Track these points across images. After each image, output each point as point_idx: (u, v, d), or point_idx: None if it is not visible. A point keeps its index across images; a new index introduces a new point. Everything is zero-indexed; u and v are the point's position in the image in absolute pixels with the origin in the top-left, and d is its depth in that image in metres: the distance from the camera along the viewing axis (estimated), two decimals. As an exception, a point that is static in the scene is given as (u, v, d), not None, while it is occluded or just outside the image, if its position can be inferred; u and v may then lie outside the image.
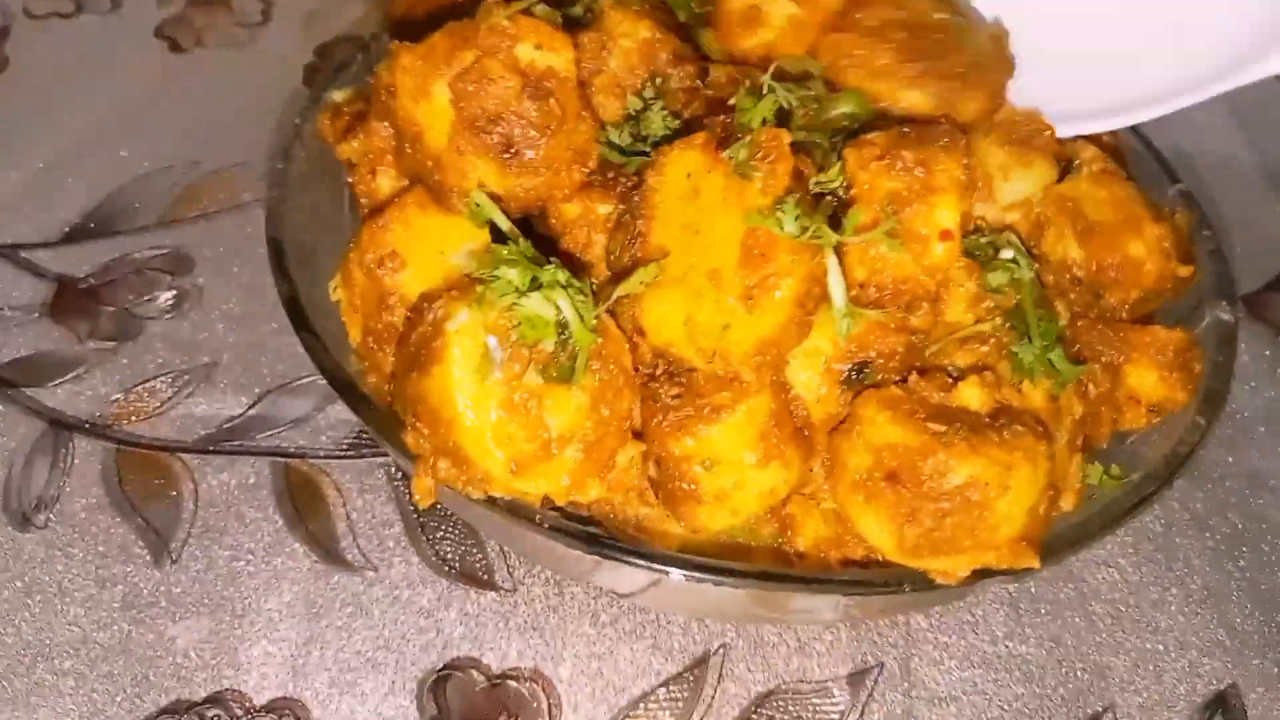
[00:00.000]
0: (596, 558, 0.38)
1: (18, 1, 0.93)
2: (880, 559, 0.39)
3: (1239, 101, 0.91)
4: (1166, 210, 0.48)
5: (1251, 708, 0.57)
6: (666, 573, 0.37)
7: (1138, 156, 0.55)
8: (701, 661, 0.55)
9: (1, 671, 0.53)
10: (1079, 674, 0.57)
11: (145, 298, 0.70)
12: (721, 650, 0.56)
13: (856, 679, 0.56)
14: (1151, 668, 0.58)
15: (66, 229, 0.74)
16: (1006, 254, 0.41)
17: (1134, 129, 0.58)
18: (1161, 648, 0.59)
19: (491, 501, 0.38)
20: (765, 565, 0.40)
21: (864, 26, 0.44)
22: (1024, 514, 0.36)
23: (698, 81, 0.46)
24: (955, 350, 0.41)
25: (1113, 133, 0.53)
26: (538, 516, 0.38)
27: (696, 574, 0.37)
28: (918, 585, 0.37)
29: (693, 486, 0.40)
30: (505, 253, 0.38)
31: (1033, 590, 0.60)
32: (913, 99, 0.43)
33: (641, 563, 0.37)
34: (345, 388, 0.42)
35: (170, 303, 0.70)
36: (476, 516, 0.47)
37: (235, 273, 0.72)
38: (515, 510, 0.38)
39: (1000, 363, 0.40)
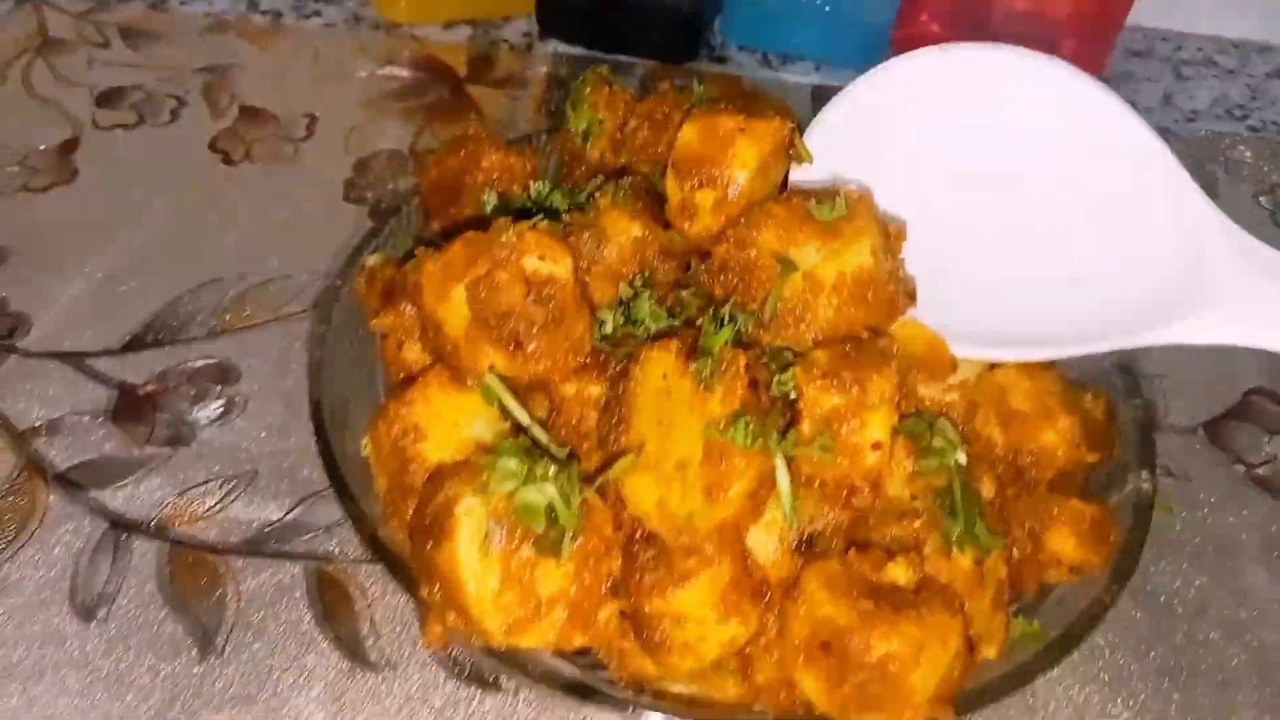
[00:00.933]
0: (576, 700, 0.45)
1: (86, 113, 1.03)
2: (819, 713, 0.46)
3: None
4: (1086, 396, 0.55)
5: (1183, 825, 0.62)
6: (627, 708, 0.44)
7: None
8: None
9: (68, 754, 0.60)
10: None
11: (197, 406, 0.78)
12: (700, 755, 0.62)
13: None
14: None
15: (127, 338, 0.83)
16: (938, 442, 0.48)
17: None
18: (1105, 770, 0.65)
19: (491, 651, 0.45)
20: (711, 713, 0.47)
21: None
22: (935, 681, 0.43)
23: (680, 274, 0.54)
24: (892, 522, 0.48)
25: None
26: (528, 665, 0.45)
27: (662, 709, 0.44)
28: (845, 737, 0.44)
29: (664, 638, 0.47)
30: (505, 446, 0.45)
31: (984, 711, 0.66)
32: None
33: (616, 707, 0.44)
34: (378, 549, 0.49)
35: (219, 411, 0.78)
36: (481, 660, 0.54)
37: (276, 383, 0.80)
38: (510, 661, 0.45)
39: (931, 533, 0.47)
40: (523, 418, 0.49)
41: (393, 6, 1.17)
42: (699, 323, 0.48)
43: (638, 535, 0.49)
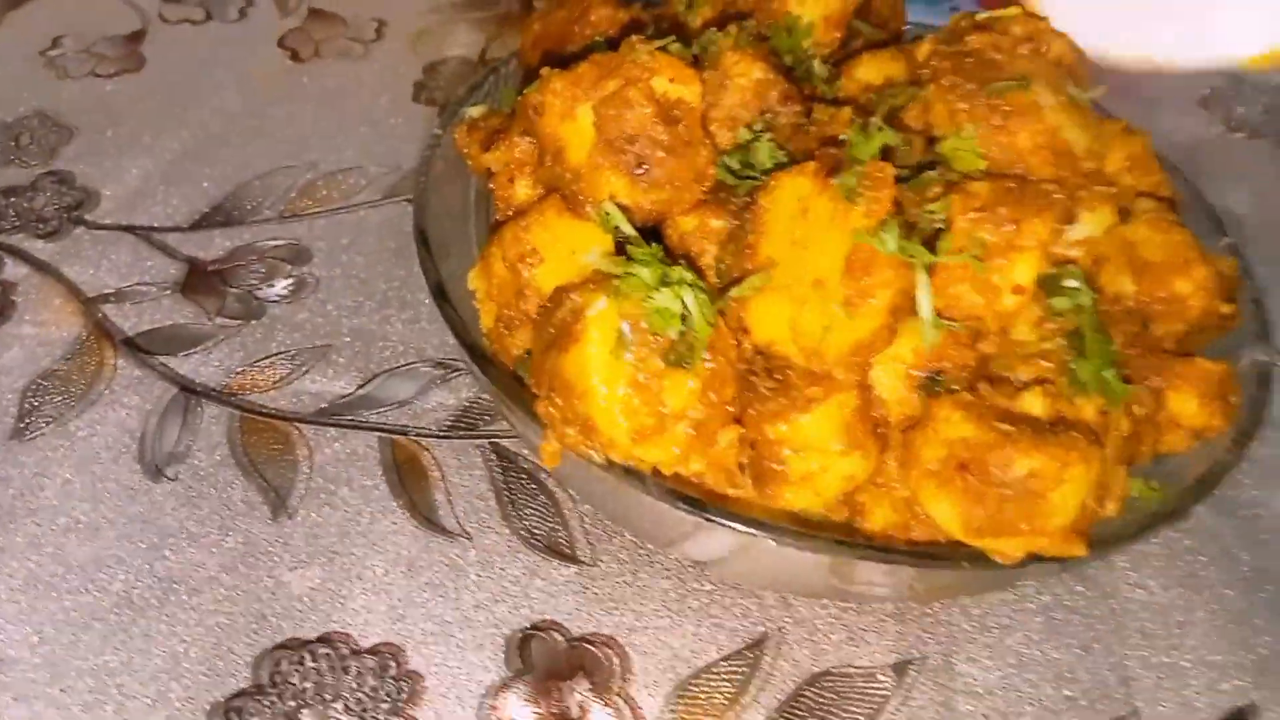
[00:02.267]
0: (695, 519, 0.43)
1: (154, 6, 1.02)
2: (944, 541, 0.44)
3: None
4: (1214, 256, 0.54)
5: (1268, 726, 0.61)
6: (756, 535, 0.43)
7: (1190, 210, 0.60)
8: (760, 642, 0.61)
9: (138, 602, 0.59)
10: (1106, 681, 0.62)
11: (267, 284, 0.77)
12: (779, 633, 0.61)
13: (901, 668, 0.61)
14: (1175, 681, 0.63)
15: (197, 216, 0.82)
16: (1070, 283, 0.47)
17: (1188, 185, 0.64)
18: (1185, 664, 0.63)
19: (611, 465, 0.44)
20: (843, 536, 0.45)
21: None
22: (1075, 507, 0.41)
23: (803, 119, 0.53)
24: (1020, 365, 0.46)
25: (1170, 187, 0.59)
26: (649, 482, 0.44)
27: (786, 538, 0.43)
28: (976, 563, 0.43)
29: (782, 467, 0.46)
30: (639, 254, 0.44)
31: (1067, 603, 0.65)
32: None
33: (739, 525, 0.43)
34: (480, 357, 0.48)
35: (289, 289, 0.77)
36: (586, 482, 0.53)
37: (347, 265, 0.79)
38: (631, 475, 0.44)
39: (1059, 378, 0.46)
40: (643, 245, 0.47)
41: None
42: (831, 151, 0.47)
43: (757, 369, 0.48)
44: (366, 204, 0.83)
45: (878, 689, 0.60)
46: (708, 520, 0.43)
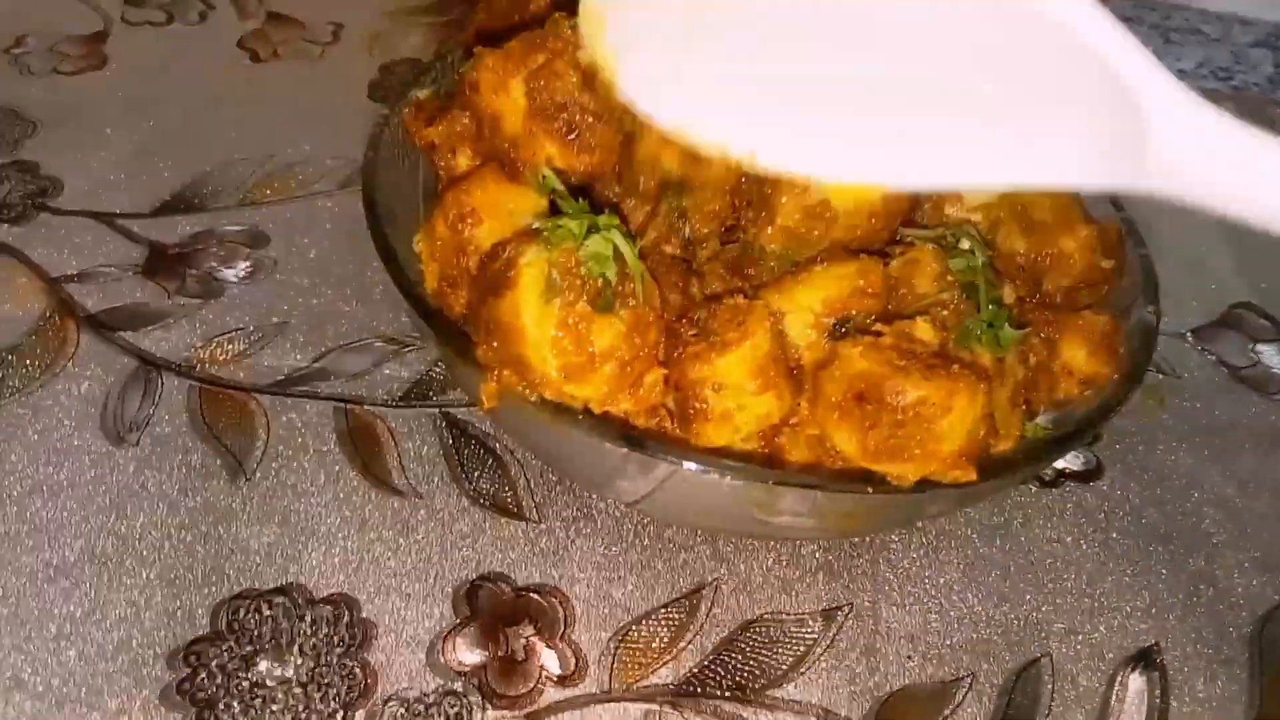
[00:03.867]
0: (624, 453, 0.47)
1: (116, 9, 1.05)
2: (851, 470, 0.48)
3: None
4: (1099, 219, 0.58)
5: (1169, 664, 0.66)
6: (679, 465, 0.47)
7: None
8: (697, 590, 0.64)
9: (100, 557, 0.62)
10: (1022, 626, 0.66)
11: (226, 266, 0.80)
12: (715, 583, 0.65)
13: (829, 614, 0.65)
14: (1085, 626, 0.67)
15: (157, 203, 0.84)
16: (964, 244, 0.52)
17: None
18: (1095, 609, 0.68)
19: (543, 402, 0.48)
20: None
21: None
22: (963, 434, 0.46)
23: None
24: (918, 311, 0.51)
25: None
26: (580, 416, 0.48)
27: (706, 465, 0.46)
28: (878, 487, 0.47)
29: (704, 405, 0.49)
30: (569, 208, 0.48)
31: (987, 557, 0.69)
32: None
33: (664, 456, 0.47)
34: (425, 309, 0.52)
35: (248, 270, 0.80)
36: (524, 425, 0.56)
37: (304, 249, 0.82)
38: (562, 410, 0.48)
39: (952, 319, 0.50)
40: (583, 205, 0.51)
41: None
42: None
43: (682, 318, 0.52)
44: (322, 193, 0.87)
45: (807, 634, 0.64)
46: (634, 452, 0.47)
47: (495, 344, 0.48)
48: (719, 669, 0.61)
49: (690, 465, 0.46)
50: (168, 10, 1.06)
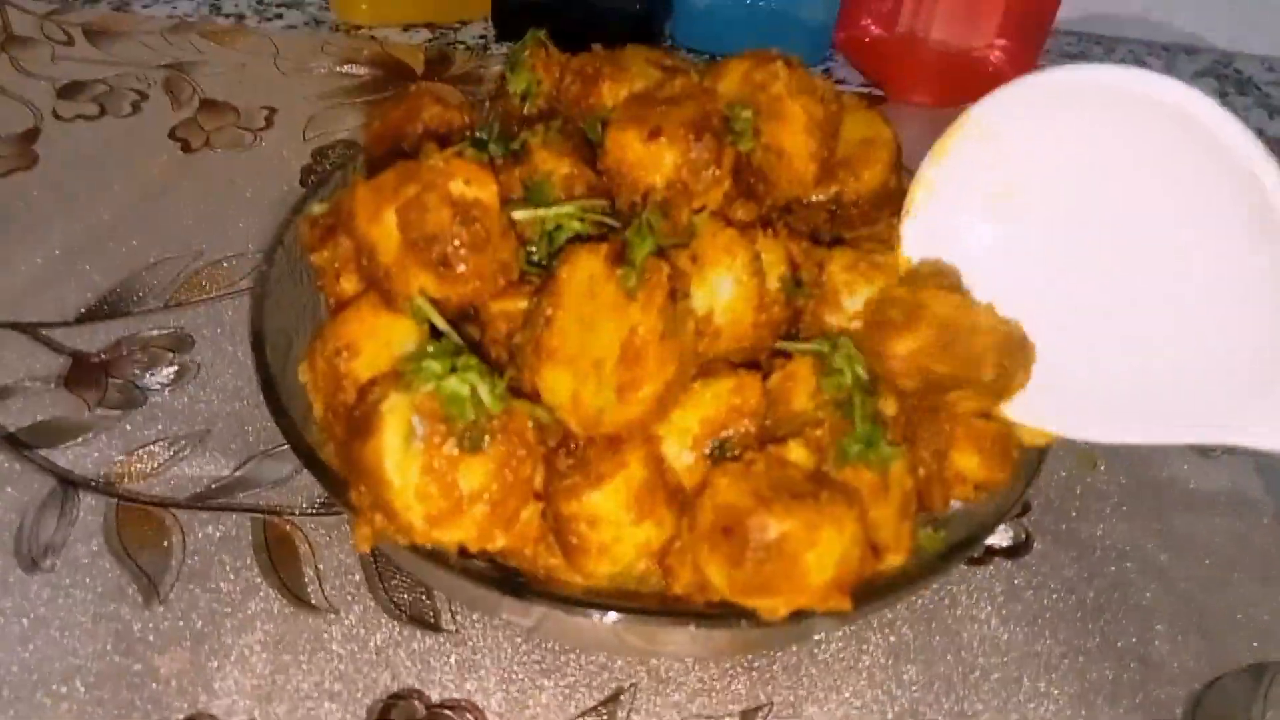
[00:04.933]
0: (496, 594, 0.47)
1: (48, 104, 1.06)
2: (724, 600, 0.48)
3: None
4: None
5: (1099, 751, 0.65)
6: (540, 606, 0.46)
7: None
8: (614, 697, 0.64)
9: (7, 696, 0.61)
10: (946, 717, 0.65)
11: (149, 372, 0.80)
12: (632, 688, 0.64)
13: (749, 715, 0.64)
14: (1013, 715, 0.66)
15: (82, 309, 0.84)
16: (838, 359, 0.51)
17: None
18: (1022, 697, 0.67)
19: (414, 548, 0.47)
20: (625, 602, 0.48)
21: None
22: (832, 565, 0.45)
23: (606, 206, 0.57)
24: (794, 433, 0.50)
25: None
26: (450, 561, 0.47)
27: (564, 608, 0.46)
28: (749, 621, 0.46)
29: (580, 540, 0.49)
30: (429, 347, 0.47)
31: (911, 644, 0.68)
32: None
33: (531, 599, 0.46)
34: (305, 454, 0.51)
35: (171, 377, 0.80)
36: (407, 563, 0.56)
37: (230, 351, 0.82)
38: (432, 556, 0.47)
39: (829, 443, 0.50)
40: (452, 336, 0.51)
41: (353, 9, 1.21)
42: (622, 236, 0.51)
43: (559, 448, 0.51)
44: (248, 289, 0.87)
45: (726, 737, 0.63)
46: (501, 595, 0.46)
47: (364, 488, 0.48)
48: (635, 781, 0.60)
49: (554, 609, 0.46)
50: (100, 102, 1.06)
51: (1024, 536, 0.75)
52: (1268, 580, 0.74)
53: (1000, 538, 0.75)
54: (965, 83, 1.15)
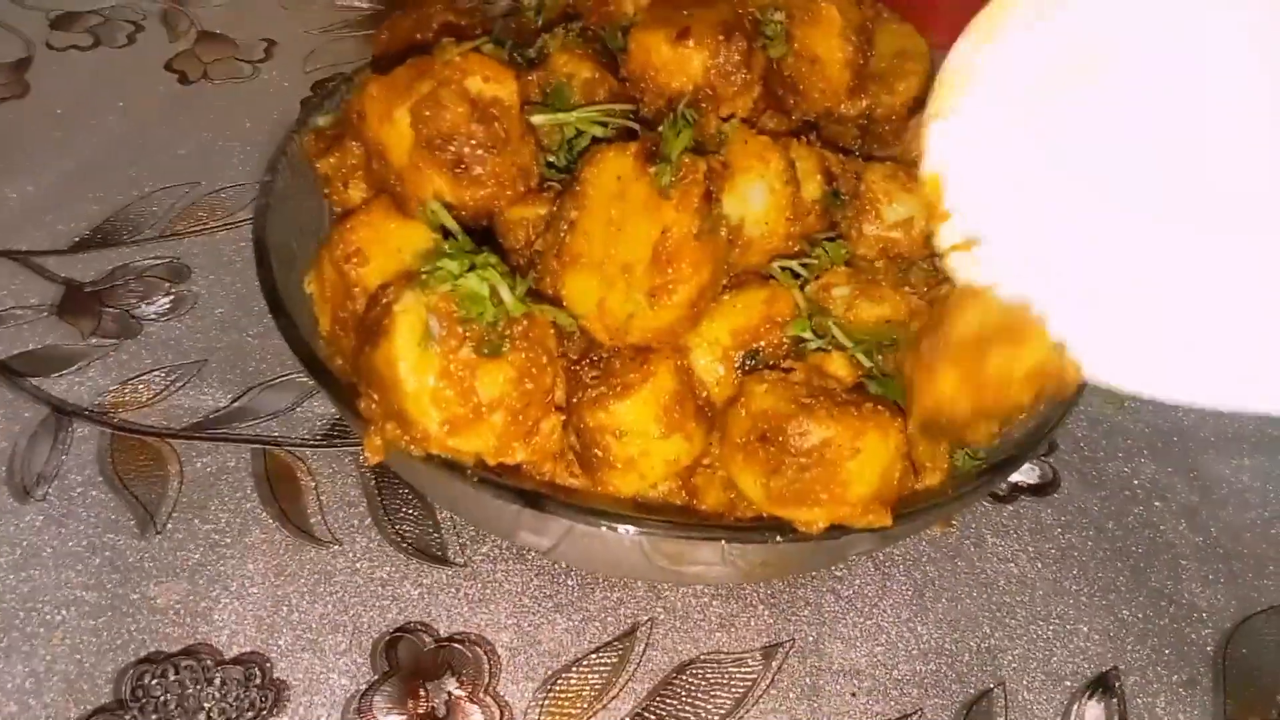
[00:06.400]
0: (517, 508, 0.44)
1: (41, 34, 1.02)
2: (762, 515, 0.45)
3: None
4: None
5: (1129, 689, 0.63)
6: (566, 522, 0.44)
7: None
8: (630, 632, 0.61)
9: (1, 622, 0.59)
10: (973, 654, 0.63)
11: (145, 301, 0.77)
12: (649, 623, 0.62)
13: (770, 651, 0.62)
14: (1040, 653, 0.64)
15: (76, 239, 0.81)
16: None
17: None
18: (1051, 634, 0.65)
19: (429, 458, 0.45)
20: (653, 515, 0.46)
21: None
22: (875, 476, 0.42)
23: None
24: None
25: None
26: (468, 471, 0.45)
27: (592, 520, 0.43)
28: (785, 535, 0.43)
29: (605, 454, 0.46)
30: (446, 247, 0.45)
31: (937, 582, 0.66)
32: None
33: (555, 512, 0.44)
34: (311, 363, 0.49)
35: (167, 306, 0.77)
36: (420, 478, 0.53)
37: (228, 282, 0.79)
38: (449, 466, 0.44)
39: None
40: (466, 242, 0.48)
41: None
42: (654, 134, 0.48)
43: (582, 359, 0.49)
44: (247, 221, 0.83)
45: (746, 673, 0.61)
46: (527, 509, 0.44)
47: (376, 395, 0.45)
48: (653, 717, 0.58)
49: (580, 524, 0.43)
50: (94, 33, 1.03)
51: (1050, 474, 0.73)
52: (1296, 520, 0.72)
53: (1026, 475, 0.73)
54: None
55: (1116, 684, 0.63)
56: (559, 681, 0.59)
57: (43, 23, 1.03)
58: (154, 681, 0.57)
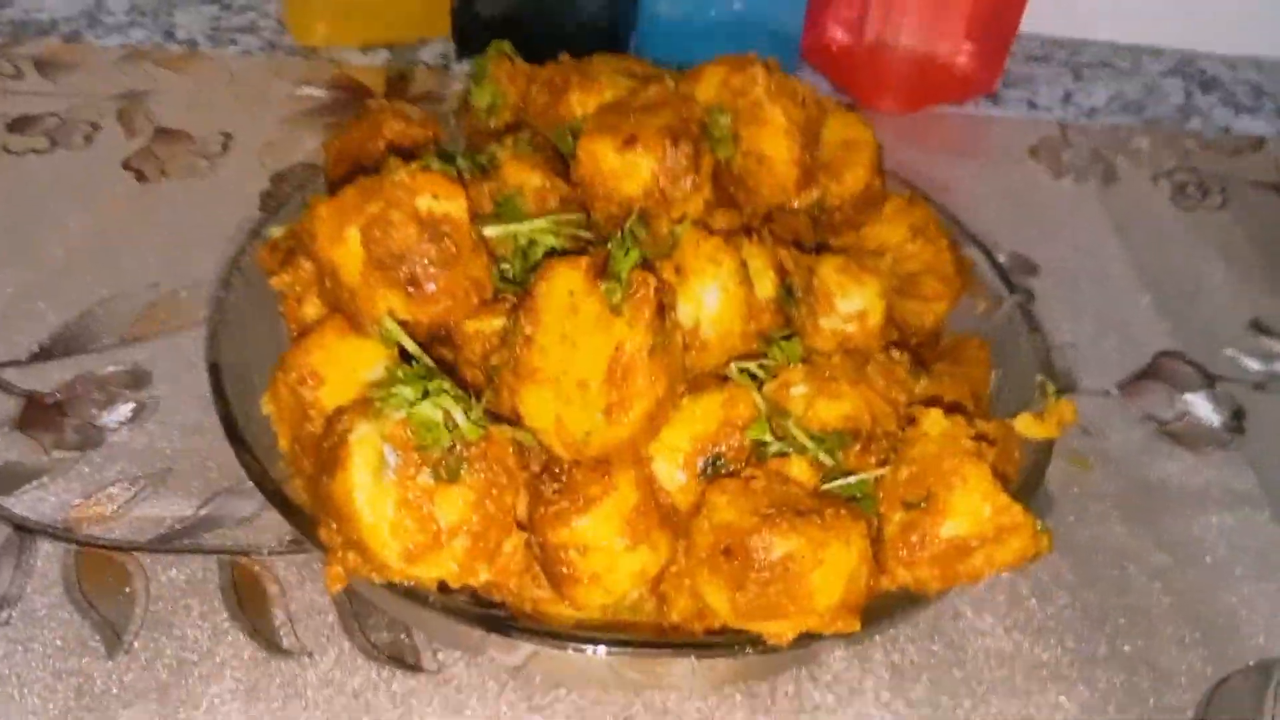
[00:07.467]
0: (481, 631, 0.44)
1: (-2, 138, 1.02)
2: (729, 627, 0.45)
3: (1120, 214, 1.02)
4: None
5: (1112, 762, 0.62)
6: (529, 643, 0.43)
7: (979, 269, 0.63)
8: (609, 733, 0.61)
9: (-38, 760, 0.57)
10: (955, 734, 0.63)
11: (106, 410, 0.76)
12: (628, 722, 0.61)
13: (750, 745, 0.61)
14: (1022, 728, 0.64)
15: (36, 349, 0.81)
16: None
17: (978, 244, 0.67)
18: (1033, 711, 0.64)
19: (391, 586, 0.44)
20: (620, 635, 0.46)
21: None
22: (840, 585, 0.42)
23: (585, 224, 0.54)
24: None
25: (955, 246, 0.61)
26: (429, 599, 0.44)
27: (558, 644, 0.43)
28: (755, 647, 0.43)
29: (571, 570, 0.46)
30: (399, 371, 0.45)
31: (916, 660, 0.66)
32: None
33: (518, 636, 0.43)
34: (271, 492, 0.48)
35: (130, 414, 0.76)
36: (385, 601, 0.53)
37: (189, 385, 0.79)
38: (410, 594, 0.44)
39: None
40: (424, 359, 0.48)
41: (309, 31, 1.18)
42: (604, 249, 0.48)
43: (543, 474, 0.49)
44: (207, 321, 0.83)
45: (727, 767, 0.60)
46: (486, 632, 0.43)
47: (334, 525, 0.45)
48: (633, 822, 0.57)
49: (542, 646, 0.43)
50: (51, 136, 1.03)
51: (1022, 544, 0.73)
52: (1263, 575, 0.72)
53: (998, 546, 0.73)
54: (933, 88, 1.14)
55: (1099, 759, 0.62)
56: (538, 789, 0.58)
57: (0, 126, 1.04)
58: (122, 814, 0.56)
